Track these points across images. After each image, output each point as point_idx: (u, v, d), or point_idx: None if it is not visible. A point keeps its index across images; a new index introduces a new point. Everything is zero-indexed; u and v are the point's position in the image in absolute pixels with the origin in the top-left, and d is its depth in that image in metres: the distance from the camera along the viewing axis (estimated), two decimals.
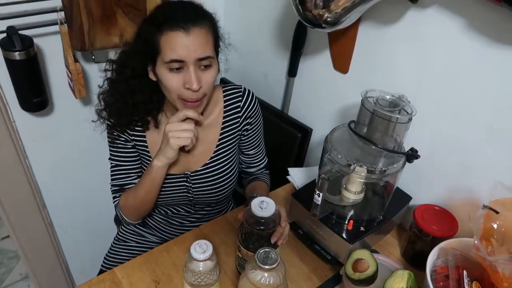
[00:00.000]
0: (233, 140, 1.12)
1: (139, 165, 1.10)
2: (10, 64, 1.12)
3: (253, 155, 1.20)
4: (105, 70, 1.01)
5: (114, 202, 1.11)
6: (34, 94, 1.21)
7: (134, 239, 1.27)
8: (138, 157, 1.09)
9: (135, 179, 1.09)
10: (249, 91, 1.11)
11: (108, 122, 1.03)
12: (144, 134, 1.06)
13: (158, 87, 0.97)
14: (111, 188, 1.11)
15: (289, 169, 1.28)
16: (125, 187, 1.09)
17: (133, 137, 1.06)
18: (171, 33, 0.87)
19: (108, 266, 1.23)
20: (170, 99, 0.97)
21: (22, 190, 1.44)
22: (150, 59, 0.92)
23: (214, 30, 0.94)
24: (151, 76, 0.96)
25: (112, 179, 1.10)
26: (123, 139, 1.05)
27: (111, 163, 1.09)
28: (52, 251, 1.65)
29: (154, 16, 0.93)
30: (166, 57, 0.88)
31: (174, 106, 0.97)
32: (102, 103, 1.02)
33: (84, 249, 1.76)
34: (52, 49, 1.26)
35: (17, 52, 1.09)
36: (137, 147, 1.07)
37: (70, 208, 1.64)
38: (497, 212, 0.73)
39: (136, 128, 1.04)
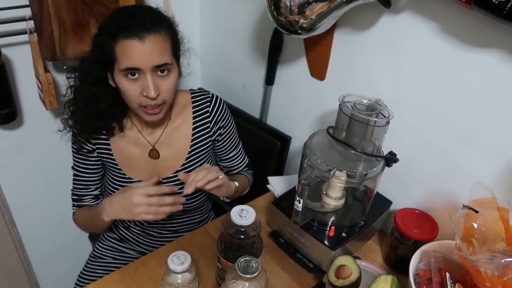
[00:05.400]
0: (205, 146, 1.10)
1: (100, 177, 1.11)
2: None
3: (233, 157, 1.19)
4: (68, 78, 0.99)
5: (72, 209, 1.13)
6: (2, 105, 1.16)
7: (111, 255, 1.22)
8: (100, 168, 1.09)
9: (93, 190, 1.11)
10: (216, 96, 1.11)
11: (74, 130, 1.02)
12: (108, 141, 1.04)
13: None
14: (71, 195, 1.12)
15: (268, 178, 1.26)
16: (83, 197, 1.11)
17: (97, 145, 1.04)
18: (125, 41, 0.85)
19: (82, 284, 1.17)
20: (131, 107, 0.96)
21: None
22: (108, 66, 0.91)
23: (173, 36, 0.93)
24: (111, 83, 0.95)
25: (73, 188, 1.11)
26: (85, 150, 1.04)
27: (73, 172, 1.09)
28: (22, 272, 1.56)
29: (108, 23, 0.91)
30: (121, 65, 0.87)
31: (137, 113, 0.96)
32: (68, 112, 1.01)
33: (56, 268, 1.68)
34: (22, 59, 1.21)
35: None
36: (101, 155, 1.06)
37: (42, 226, 1.56)
38: (476, 212, 0.73)
39: (101, 135, 1.03)
